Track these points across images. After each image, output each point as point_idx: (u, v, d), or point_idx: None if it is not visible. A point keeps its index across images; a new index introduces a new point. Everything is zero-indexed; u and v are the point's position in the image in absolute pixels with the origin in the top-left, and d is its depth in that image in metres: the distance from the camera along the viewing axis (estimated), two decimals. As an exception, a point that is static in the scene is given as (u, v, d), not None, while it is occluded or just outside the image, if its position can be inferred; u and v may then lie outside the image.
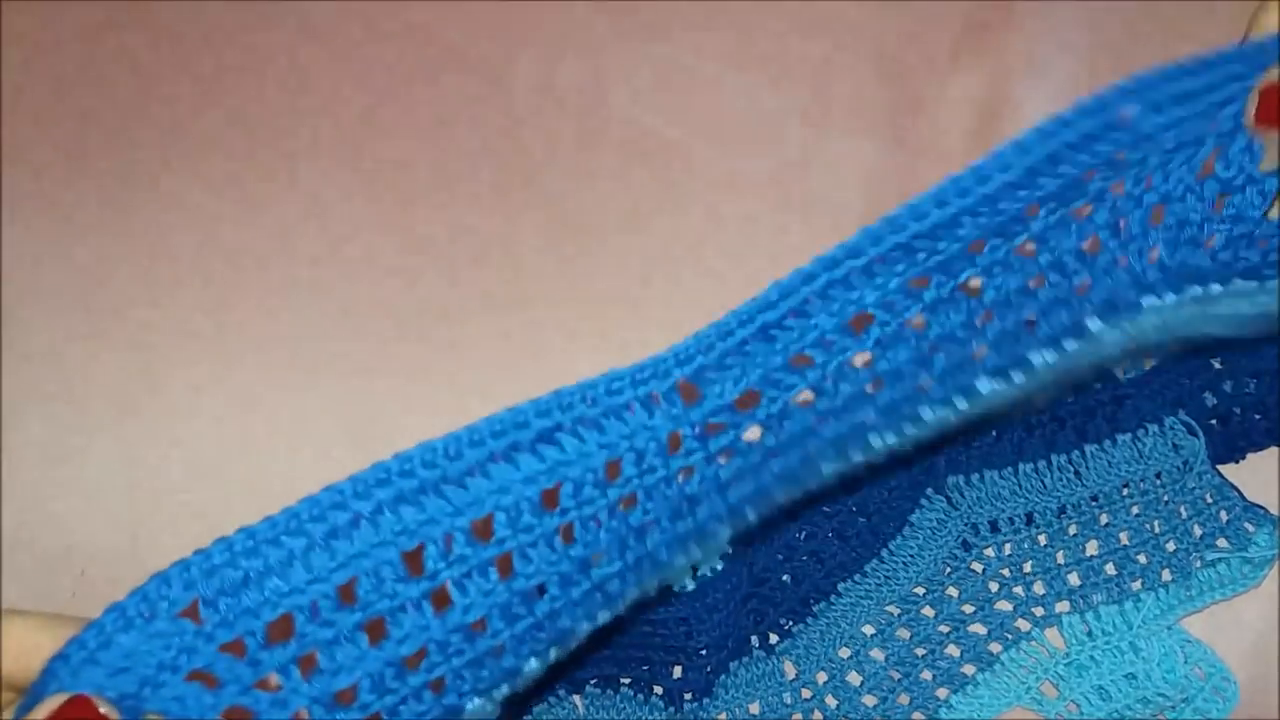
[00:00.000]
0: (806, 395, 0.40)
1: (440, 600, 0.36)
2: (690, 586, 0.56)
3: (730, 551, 0.56)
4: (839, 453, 0.42)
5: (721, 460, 0.40)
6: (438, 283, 0.61)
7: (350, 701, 0.35)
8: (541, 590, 0.38)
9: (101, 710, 0.33)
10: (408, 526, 0.35)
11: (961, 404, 0.42)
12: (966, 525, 0.58)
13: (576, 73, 0.63)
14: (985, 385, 0.41)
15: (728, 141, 0.62)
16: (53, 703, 0.33)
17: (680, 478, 0.40)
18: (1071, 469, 0.57)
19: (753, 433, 0.41)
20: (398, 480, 0.36)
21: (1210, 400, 0.58)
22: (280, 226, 0.61)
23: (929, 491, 0.58)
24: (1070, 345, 0.41)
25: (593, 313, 0.60)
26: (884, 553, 0.57)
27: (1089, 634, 0.56)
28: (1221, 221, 0.41)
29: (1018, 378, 0.42)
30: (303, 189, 0.62)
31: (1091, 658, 0.56)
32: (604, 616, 0.41)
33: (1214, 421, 0.58)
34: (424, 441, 0.37)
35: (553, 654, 0.40)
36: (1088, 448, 0.57)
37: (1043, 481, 0.57)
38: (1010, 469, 0.58)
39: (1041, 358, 0.41)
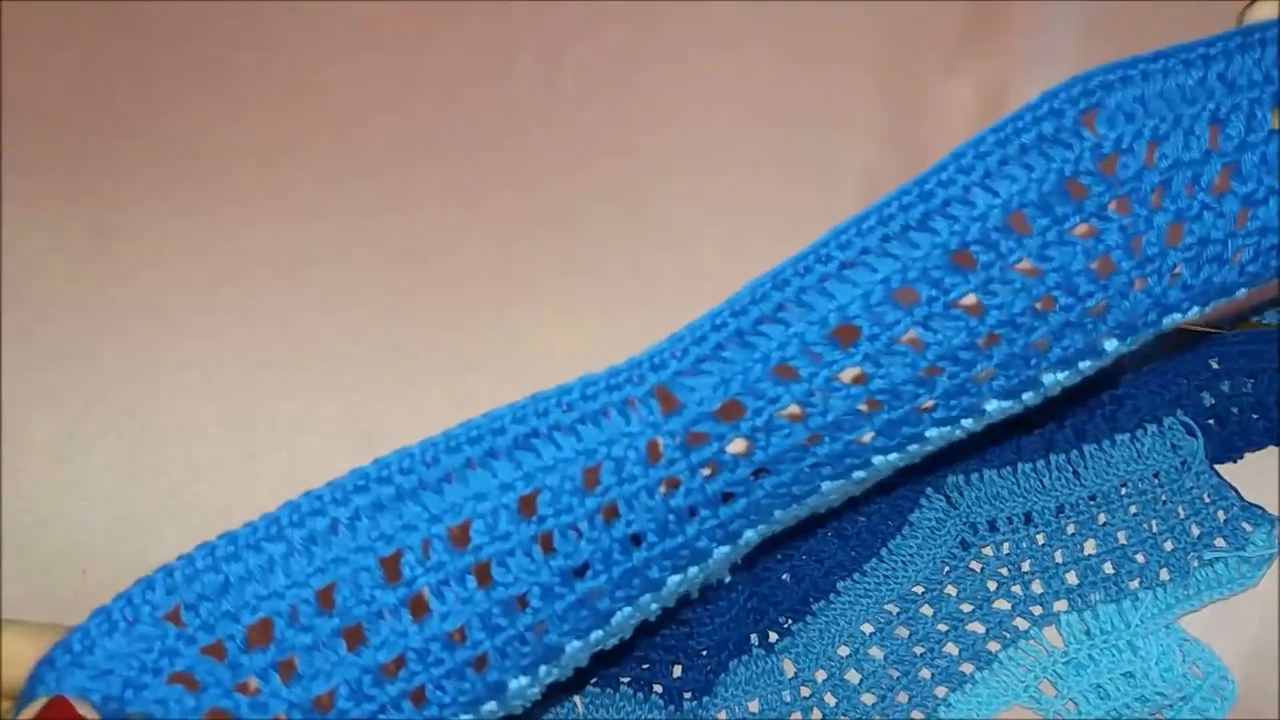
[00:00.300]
0: (794, 410, 0.39)
1: (418, 607, 0.36)
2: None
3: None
4: (839, 472, 0.41)
5: (706, 473, 0.39)
6: (437, 283, 0.61)
7: (328, 708, 0.35)
8: (523, 602, 0.37)
9: (80, 711, 0.33)
10: (385, 532, 0.35)
11: (968, 423, 0.41)
12: (965, 524, 0.57)
13: (576, 72, 0.64)
14: (993, 406, 0.40)
15: (726, 141, 0.63)
16: (34, 706, 0.33)
17: (663, 489, 0.38)
18: (1070, 468, 0.57)
19: (738, 446, 0.39)
20: (376, 486, 0.36)
21: (1208, 400, 0.58)
22: (279, 227, 0.62)
23: (928, 491, 0.58)
24: (1085, 365, 0.40)
25: (592, 312, 0.61)
26: (883, 551, 0.57)
27: (1087, 632, 0.56)
28: (1248, 235, 0.40)
29: (1028, 397, 0.41)
30: (302, 189, 0.62)
31: (1090, 656, 0.56)
32: (597, 636, 0.40)
33: (1212, 421, 0.58)
34: (401, 447, 0.36)
35: (543, 672, 0.39)
36: (1086, 447, 0.57)
37: (1041, 481, 0.57)
38: (1009, 468, 0.58)
39: (1054, 378, 0.40)
